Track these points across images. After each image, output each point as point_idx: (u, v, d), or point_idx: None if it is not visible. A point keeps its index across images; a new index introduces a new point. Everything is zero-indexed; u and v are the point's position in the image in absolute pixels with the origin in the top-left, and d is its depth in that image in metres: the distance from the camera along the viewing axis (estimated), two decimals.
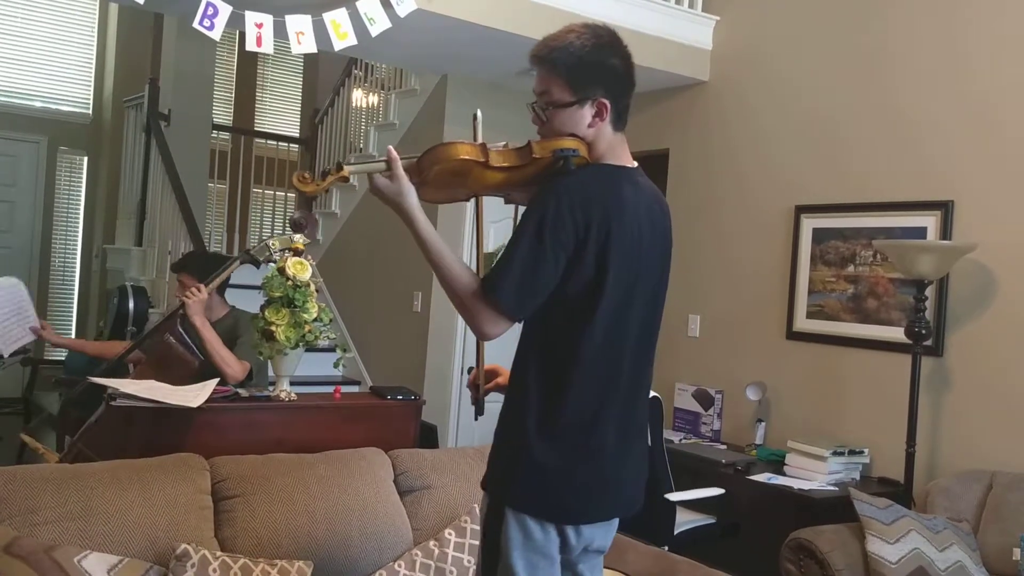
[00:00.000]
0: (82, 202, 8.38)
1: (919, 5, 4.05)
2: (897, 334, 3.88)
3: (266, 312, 2.85)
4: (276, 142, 7.77)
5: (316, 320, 2.89)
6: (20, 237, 8.02)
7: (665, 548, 3.28)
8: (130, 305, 5.25)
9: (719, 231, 4.83)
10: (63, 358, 6.50)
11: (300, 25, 3.72)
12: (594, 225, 1.72)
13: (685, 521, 3.83)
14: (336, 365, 3.34)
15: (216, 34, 3.63)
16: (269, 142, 7.81)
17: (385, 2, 3.78)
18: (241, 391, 2.95)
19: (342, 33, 3.80)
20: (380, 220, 5.69)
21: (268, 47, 3.72)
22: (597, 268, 1.73)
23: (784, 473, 3.92)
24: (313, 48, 3.78)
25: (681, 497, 3.72)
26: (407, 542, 2.74)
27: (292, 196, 7.57)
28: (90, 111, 8.34)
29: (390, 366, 5.85)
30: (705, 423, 4.69)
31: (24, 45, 7.91)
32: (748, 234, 4.69)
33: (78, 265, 8.35)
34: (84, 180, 8.39)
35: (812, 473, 3.83)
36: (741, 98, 4.78)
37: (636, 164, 1.89)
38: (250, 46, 3.70)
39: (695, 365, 4.90)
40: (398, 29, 3.88)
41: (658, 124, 5.19)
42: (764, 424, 4.45)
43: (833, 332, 4.26)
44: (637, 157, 1.94)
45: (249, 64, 8.84)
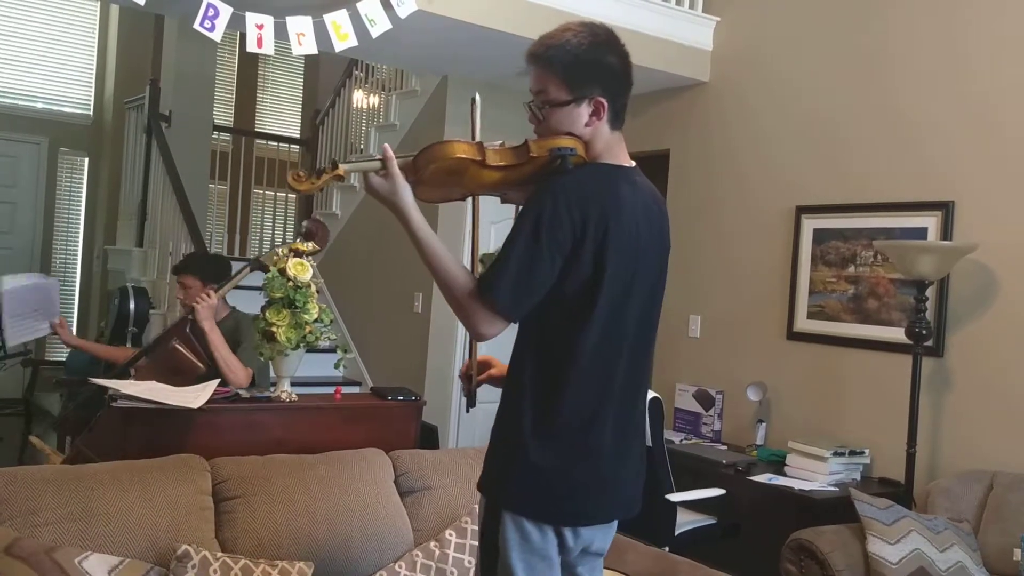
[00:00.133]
0: (83, 203, 8.39)
1: (919, 6, 4.05)
2: (898, 335, 3.88)
3: (267, 313, 2.85)
4: (277, 143, 7.76)
5: (317, 321, 2.89)
6: (21, 238, 8.02)
7: (666, 549, 3.29)
8: (131, 306, 5.25)
9: (720, 231, 4.83)
10: (64, 359, 6.51)
11: (301, 26, 3.72)
12: (591, 224, 1.70)
13: (686, 522, 3.83)
14: (337, 366, 3.35)
15: (217, 35, 3.63)
16: (270, 143, 7.80)
17: (386, 3, 3.79)
18: (242, 392, 2.96)
19: (343, 34, 3.80)
20: (381, 221, 5.69)
21: (269, 48, 3.72)
22: (594, 267, 1.72)
23: (785, 474, 3.92)
24: (314, 49, 3.78)
25: (682, 498, 3.72)
26: (408, 543, 2.75)
27: (293, 197, 7.56)
28: (91, 112, 8.34)
29: (391, 367, 5.85)
30: (706, 423, 4.69)
31: (25, 46, 7.91)
32: (749, 234, 4.69)
33: (79, 266, 8.36)
34: (85, 181, 8.39)
35: (813, 474, 3.83)
36: (742, 99, 4.79)
37: (634, 163, 1.88)
38: (251, 47, 3.70)
39: (696, 365, 4.90)
40: (399, 30, 3.88)
41: (658, 125, 5.19)
42: (765, 424, 4.45)
43: (834, 332, 4.26)
44: (637, 158, 1.94)
45: (250, 65, 8.84)
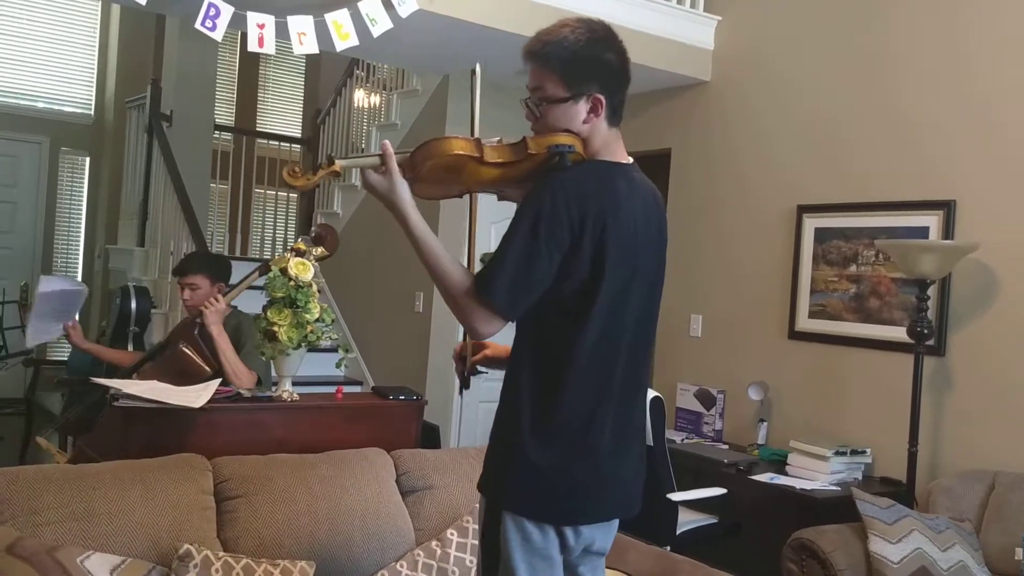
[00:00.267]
0: (84, 203, 8.39)
1: (921, 5, 4.05)
2: (899, 334, 3.87)
3: (269, 313, 2.85)
4: (278, 142, 7.77)
5: (318, 320, 2.89)
6: (22, 238, 8.03)
7: (667, 548, 3.28)
8: (132, 305, 5.25)
9: (721, 231, 4.83)
10: (65, 358, 6.51)
11: (302, 26, 3.72)
12: (589, 221, 1.69)
13: (687, 521, 3.83)
14: (338, 365, 3.34)
15: (218, 35, 3.63)
16: (271, 142, 7.81)
17: (387, 3, 3.79)
18: (243, 391, 2.95)
19: (344, 34, 3.80)
20: (382, 220, 5.64)
21: (270, 48, 3.72)
22: (593, 265, 1.71)
23: (786, 473, 3.92)
24: (315, 49, 3.78)
25: (683, 497, 3.72)
26: (409, 542, 2.75)
27: (295, 196, 7.56)
28: (92, 112, 8.34)
29: (392, 366, 5.85)
30: (707, 423, 4.69)
31: (26, 46, 7.92)
32: (750, 234, 4.69)
33: (80, 265, 8.36)
34: (86, 181, 8.40)
35: (814, 473, 3.83)
36: (743, 98, 4.78)
37: (631, 160, 1.87)
38: (252, 47, 3.69)
39: (697, 365, 4.90)
40: (400, 29, 3.88)
41: (660, 124, 5.19)
42: (766, 424, 4.45)
43: (835, 332, 4.26)
44: (638, 157, 1.93)
45: (251, 64, 8.84)
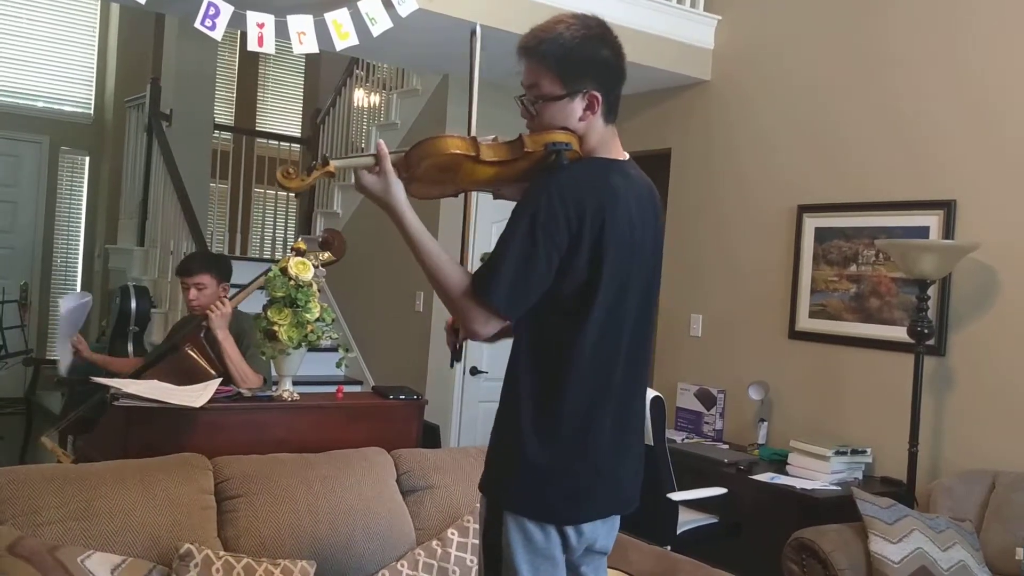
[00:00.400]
0: (84, 202, 8.40)
1: (921, 5, 4.04)
2: (900, 334, 3.87)
3: (269, 312, 2.84)
4: (278, 142, 7.77)
5: (318, 320, 2.88)
6: (22, 237, 8.03)
7: (667, 548, 3.28)
8: (132, 305, 5.26)
9: (721, 230, 4.82)
10: None
11: (302, 25, 3.71)
12: (587, 220, 1.68)
13: (687, 521, 3.83)
14: (338, 365, 3.34)
15: (218, 34, 3.62)
16: (271, 142, 7.81)
17: (387, 2, 3.78)
18: (244, 391, 2.95)
19: (344, 33, 3.80)
20: (382, 219, 5.64)
21: (270, 47, 3.71)
22: (592, 264, 1.70)
23: (786, 473, 3.91)
24: (315, 48, 3.78)
25: (683, 497, 3.72)
26: (410, 542, 2.75)
27: (294, 196, 7.56)
28: (92, 111, 8.35)
29: (392, 366, 5.85)
30: (707, 423, 4.69)
31: (26, 45, 7.92)
32: (750, 233, 4.69)
33: (80, 265, 8.37)
34: (86, 180, 8.40)
35: (814, 473, 3.83)
36: (743, 98, 4.78)
37: (628, 156, 1.86)
38: (252, 46, 3.69)
39: (697, 365, 4.90)
40: (400, 29, 3.88)
41: (660, 123, 5.19)
42: (766, 424, 4.45)
43: (835, 331, 4.26)
44: (638, 157, 1.93)
45: (251, 64, 8.84)
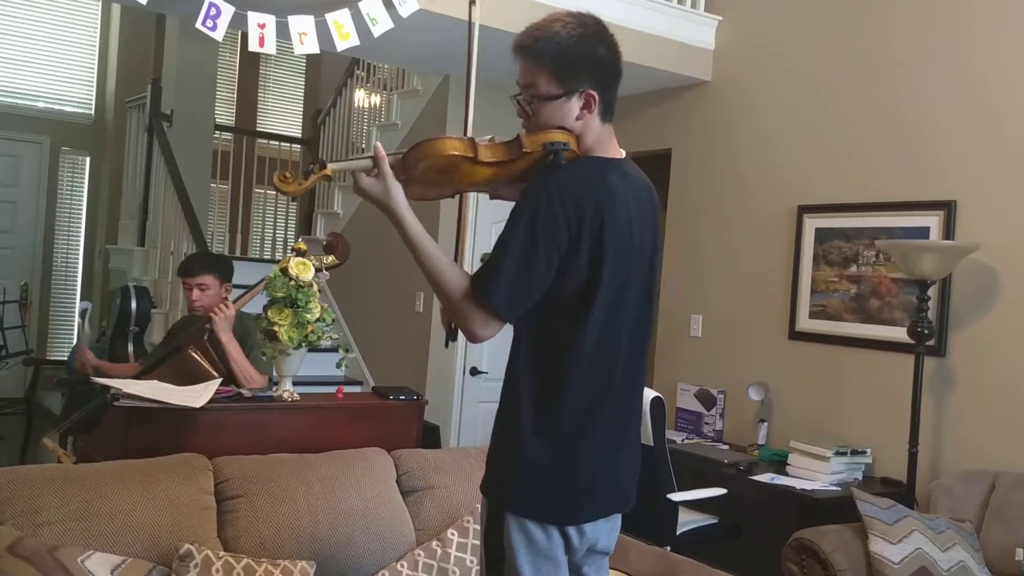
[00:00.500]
0: (84, 202, 8.40)
1: (921, 6, 4.04)
2: (900, 334, 3.87)
3: (269, 312, 2.84)
4: (278, 142, 7.77)
5: (319, 320, 2.88)
6: (23, 237, 8.04)
7: (667, 548, 3.28)
8: (132, 305, 5.26)
9: (721, 231, 4.82)
10: (65, 358, 6.51)
11: (303, 26, 3.71)
12: (587, 220, 1.67)
13: (687, 521, 3.83)
14: (339, 365, 3.34)
15: (219, 35, 3.62)
16: (271, 142, 7.81)
17: (387, 3, 3.78)
18: (244, 391, 2.96)
19: (344, 34, 3.80)
20: (382, 220, 5.65)
21: (271, 48, 3.71)
22: (591, 264, 1.69)
23: (786, 473, 3.91)
24: (316, 49, 3.78)
25: (683, 497, 3.72)
26: (410, 542, 2.75)
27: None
28: (92, 111, 8.35)
29: (392, 366, 5.85)
30: (707, 423, 4.69)
31: (27, 46, 7.92)
32: (750, 234, 4.69)
33: (80, 265, 8.37)
34: (86, 180, 8.41)
35: (814, 473, 3.83)
36: (744, 98, 4.78)
37: (624, 154, 1.85)
38: (253, 47, 3.69)
39: (697, 365, 4.90)
40: (400, 29, 3.88)
41: (660, 124, 5.19)
42: (766, 424, 4.45)
43: (836, 332, 4.26)
44: (639, 157, 1.92)
45: (251, 64, 8.85)
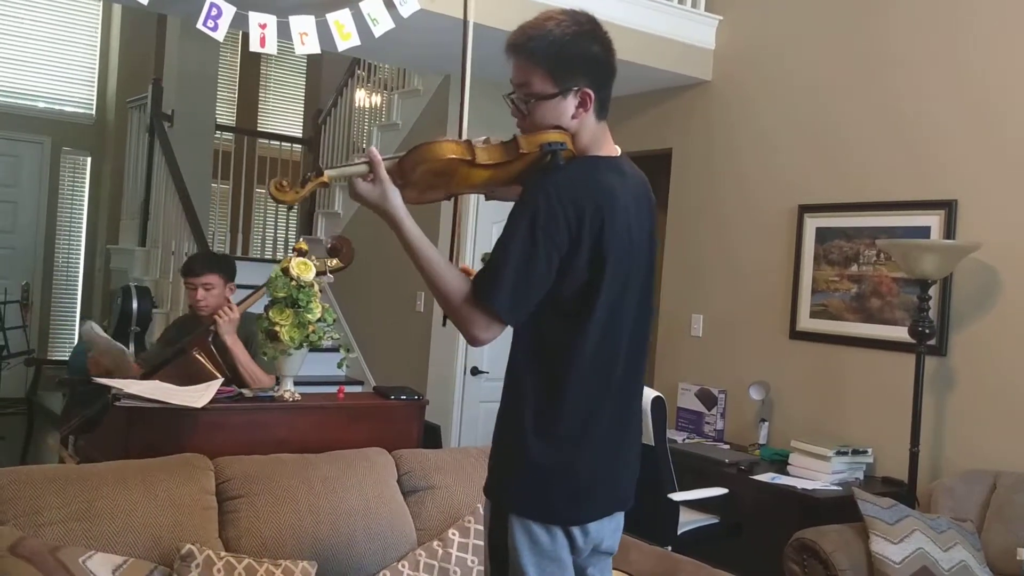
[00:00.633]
0: (85, 202, 8.40)
1: (922, 5, 4.04)
2: (901, 334, 3.87)
3: (270, 313, 2.85)
4: (279, 142, 7.77)
5: (320, 320, 2.89)
6: (24, 237, 8.04)
7: (668, 548, 3.28)
8: (134, 305, 5.26)
9: (722, 230, 4.82)
10: (66, 358, 6.51)
11: (304, 26, 3.71)
12: (587, 220, 1.66)
13: (688, 521, 3.83)
14: (340, 365, 3.34)
15: (220, 35, 3.62)
16: (272, 142, 7.81)
17: (388, 3, 3.78)
18: (245, 391, 2.96)
19: (345, 34, 3.80)
20: (383, 220, 5.68)
21: (272, 48, 3.71)
22: (592, 264, 1.69)
23: (788, 473, 3.91)
24: (317, 49, 3.78)
25: (684, 497, 3.72)
26: (411, 542, 2.75)
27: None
28: (93, 111, 8.35)
29: (393, 366, 5.85)
30: (708, 423, 4.69)
31: (27, 46, 7.92)
32: (751, 233, 4.69)
33: (81, 265, 8.37)
34: (87, 180, 8.41)
35: (816, 473, 3.83)
36: (744, 98, 4.78)
37: (619, 151, 1.84)
38: (254, 47, 3.69)
39: (698, 365, 4.90)
40: (401, 29, 3.88)
41: (661, 124, 5.19)
42: (767, 424, 4.45)
43: (836, 332, 4.26)
44: (639, 157, 1.93)
45: (252, 64, 8.85)
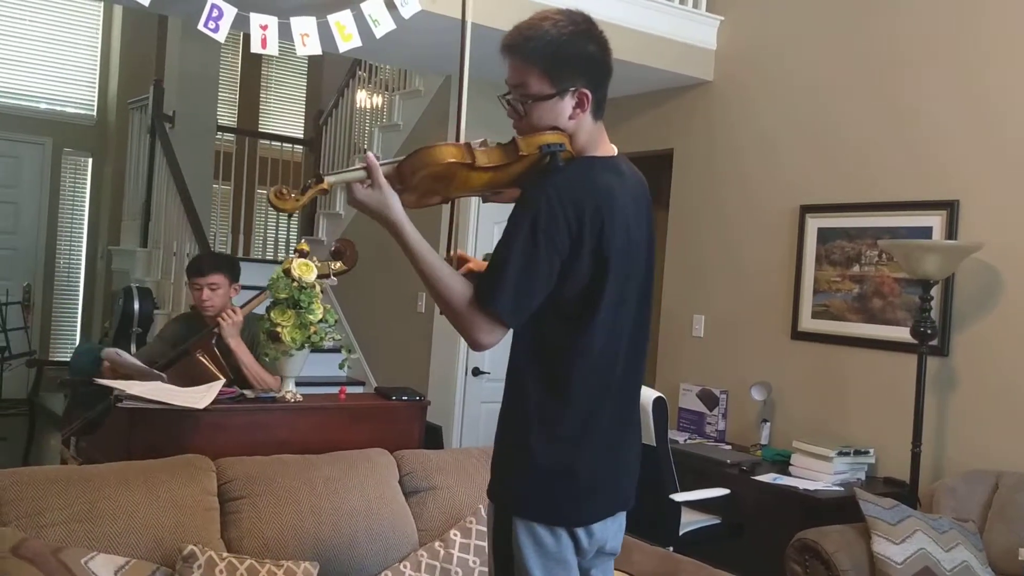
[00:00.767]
0: (87, 204, 8.41)
1: (924, 5, 4.04)
2: (903, 334, 3.87)
3: (272, 314, 2.85)
4: (280, 143, 7.78)
5: (321, 321, 2.89)
6: (25, 239, 8.04)
7: (670, 548, 3.28)
8: (135, 306, 5.27)
9: (724, 231, 4.82)
10: (68, 359, 6.51)
11: (305, 27, 3.71)
12: (587, 221, 1.66)
13: (690, 521, 3.83)
14: (341, 366, 3.35)
15: (221, 36, 3.63)
16: (273, 143, 7.82)
17: (389, 4, 3.78)
18: (247, 392, 2.96)
19: (347, 35, 3.80)
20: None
21: (273, 49, 3.72)
22: (593, 266, 1.69)
23: (789, 473, 3.91)
24: (318, 50, 3.78)
25: (686, 497, 3.72)
26: (412, 543, 2.75)
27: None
28: (95, 113, 8.35)
29: (395, 367, 5.86)
30: (710, 423, 4.69)
31: (29, 47, 7.93)
32: (753, 234, 4.68)
33: (83, 266, 8.37)
34: (89, 182, 8.41)
35: (817, 473, 3.83)
36: (745, 98, 4.78)
37: (616, 150, 1.84)
38: (255, 48, 3.69)
39: (700, 365, 4.90)
40: (402, 30, 3.88)
41: (662, 124, 5.19)
42: (769, 424, 4.44)
43: (838, 332, 4.25)
44: (641, 157, 1.93)
45: (253, 65, 8.85)
